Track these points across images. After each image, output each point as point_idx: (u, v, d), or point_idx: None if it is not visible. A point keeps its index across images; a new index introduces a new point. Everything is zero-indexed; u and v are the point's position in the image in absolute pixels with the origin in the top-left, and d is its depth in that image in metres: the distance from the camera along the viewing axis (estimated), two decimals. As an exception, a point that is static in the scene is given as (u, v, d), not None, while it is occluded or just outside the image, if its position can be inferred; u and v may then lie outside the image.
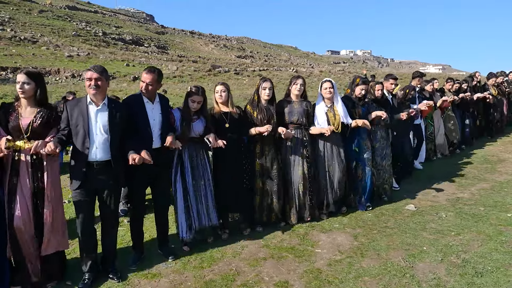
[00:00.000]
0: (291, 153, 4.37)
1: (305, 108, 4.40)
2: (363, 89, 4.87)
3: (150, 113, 3.49)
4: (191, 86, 3.92)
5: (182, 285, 3.19)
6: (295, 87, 4.40)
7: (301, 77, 4.50)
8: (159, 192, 3.72)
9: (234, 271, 3.42)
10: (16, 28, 36.43)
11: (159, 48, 48.41)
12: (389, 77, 5.76)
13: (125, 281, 3.28)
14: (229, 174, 4.05)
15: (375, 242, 3.93)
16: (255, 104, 4.25)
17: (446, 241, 3.91)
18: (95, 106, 3.16)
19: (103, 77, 3.14)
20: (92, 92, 3.10)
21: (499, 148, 8.48)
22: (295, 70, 35.01)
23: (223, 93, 4.05)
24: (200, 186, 3.87)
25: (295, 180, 4.36)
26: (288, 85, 4.52)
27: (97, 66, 3.19)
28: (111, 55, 32.28)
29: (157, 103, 3.56)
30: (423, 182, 6.07)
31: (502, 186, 5.77)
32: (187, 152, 3.82)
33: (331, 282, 3.20)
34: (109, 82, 3.30)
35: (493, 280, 3.13)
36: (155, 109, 3.54)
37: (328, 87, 4.52)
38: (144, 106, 3.48)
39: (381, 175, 5.19)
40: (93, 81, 3.09)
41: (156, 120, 3.52)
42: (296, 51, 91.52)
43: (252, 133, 4.14)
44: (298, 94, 4.42)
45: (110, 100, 3.28)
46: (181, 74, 26.74)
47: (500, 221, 4.39)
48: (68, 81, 21.41)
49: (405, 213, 4.78)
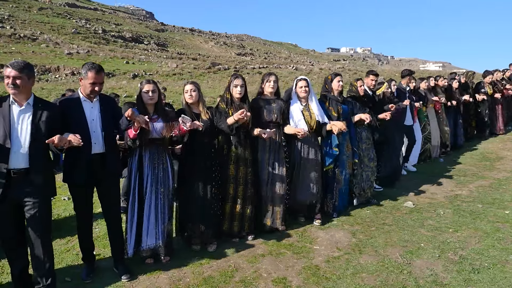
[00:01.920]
0: (269, 154, 4.10)
1: (281, 106, 4.18)
2: (340, 81, 4.66)
3: (88, 112, 3.10)
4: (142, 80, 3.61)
5: (181, 281, 3.22)
6: (269, 84, 4.15)
7: (273, 73, 4.28)
8: (109, 203, 3.31)
9: (232, 267, 3.44)
10: (16, 26, 36.37)
11: (159, 46, 48.31)
12: (369, 73, 5.53)
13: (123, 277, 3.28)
14: (198, 182, 3.71)
15: (373, 239, 3.95)
16: (228, 102, 3.93)
17: (444, 238, 3.93)
18: (18, 106, 2.77)
19: (23, 74, 2.72)
20: (11, 92, 2.72)
21: (498, 146, 8.50)
22: (295, 67, 34.96)
23: (193, 93, 3.74)
24: (159, 193, 3.44)
25: (272, 184, 4.10)
26: (260, 83, 4.28)
27: (17, 62, 2.76)
28: (111, 53, 32.22)
29: (96, 102, 3.15)
30: (421, 179, 6.10)
31: (500, 184, 5.80)
32: (147, 155, 3.42)
33: (329, 278, 3.22)
34: (34, 80, 2.85)
35: (489, 276, 3.16)
36: (94, 107, 3.15)
37: (303, 85, 4.33)
38: (81, 105, 3.09)
39: (369, 177, 5.03)
40: (10, 79, 2.69)
41: (95, 120, 3.12)
42: (296, 49, 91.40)
43: (229, 122, 3.72)
44: (273, 91, 4.19)
45: (37, 100, 2.88)
46: (180, 71, 26.67)
47: (498, 218, 4.41)
48: (68, 78, 21.38)
49: (403, 210, 4.80)
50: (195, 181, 3.73)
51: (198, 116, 3.75)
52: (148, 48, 42.66)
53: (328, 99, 4.65)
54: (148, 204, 3.39)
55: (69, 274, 3.34)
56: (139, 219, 3.39)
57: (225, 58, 42.63)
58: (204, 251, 3.75)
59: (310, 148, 4.37)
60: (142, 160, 3.41)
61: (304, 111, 4.33)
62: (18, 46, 28.01)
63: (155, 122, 3.42)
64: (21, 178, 2.74)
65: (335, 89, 4.67)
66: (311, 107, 4.37)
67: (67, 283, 3.22)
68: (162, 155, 3.50)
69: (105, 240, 3.80)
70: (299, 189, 4.34)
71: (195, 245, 3.82)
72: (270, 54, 65.80)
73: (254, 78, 24.52)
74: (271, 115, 4.11)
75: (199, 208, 3.72)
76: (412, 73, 6.78)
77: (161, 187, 3.46)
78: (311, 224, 4.38)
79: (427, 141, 7.24)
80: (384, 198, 5.22)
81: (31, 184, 2.77)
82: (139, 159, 3.41)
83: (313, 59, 66.84)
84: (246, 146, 3.99)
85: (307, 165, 4.35)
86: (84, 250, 3.38)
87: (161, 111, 3.53)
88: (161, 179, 3.47)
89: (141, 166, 3.41)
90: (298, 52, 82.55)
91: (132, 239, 3.39)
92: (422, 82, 7.30)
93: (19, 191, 2.75)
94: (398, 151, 6.02)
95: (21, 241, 2.92)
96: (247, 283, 3.17)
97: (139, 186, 3.40)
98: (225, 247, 3.83)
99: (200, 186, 3.72)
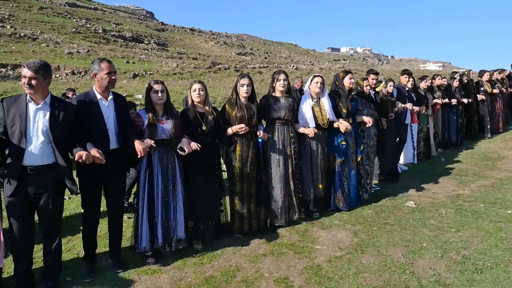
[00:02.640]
0: (278, 151, 4.17)
1: (291, 103, 4.23)
2: (351, 78, 4.76)
3: (104, 111, 3.21)
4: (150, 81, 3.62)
5: (182, 281, 3.20)
6: (279, 84, 4.19)
7: (283, 72, 4.30)
8: (114, 199, 3.40)
9: (234, 267, 3.42)
10: (16, 25, 36.35)
11: (159, 45, 48.31)
12: (370, 73, 5.73)
13: (125, 277, 3.27)
14: (201, 180, 3.73)
15: (375, 239, 3.93)
16: (233, 102, 3.96)
17: (446, 237, 3.91)
18: (35, 104, 2.84)
19: (38, 75, 2.77)
20: (28, 92, 2.80)
21: (499, 145, 8.47)
22: (295, 67, 34.94)
23: (201, 92, 3.73)
24: (170, 191, 3.50)
25: (281, 180, 4.15)
26: (271, 82, 4.31)
27: (33, 62, 2.80)
28: (111, 52, 32.22)
29: (111, 100, 3.26)
30: (423, 179, 6.07)
31: (502, 183, 5.77)
32: (156, 154, 3.47)
33: (331, 278, 3.20)
34: (50, 79, 2.92)
35: (493, 276, 3.14)
36: (109, 106, 3.25)
37: (319, 81, 4.44)
38: (98, 104, 3.19)
39: (372, 171, 5.24)
40: (26, 79, 2.76)
41: (110, 118, 3.23)
42: (296, 48, 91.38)
43: (229, 133, 3.88)
44: (283, 89, 4.22)
45: (54, 99, 2.96)
46: (181, 71, 26.66)
47: (500, 217, 4.39)
48: (68, 78, 21.35)
49: (405, 209, 4.78)
50: (198, 179, 3.73)
51: (203, 115, 3.78)
52: (148, 48, 42.67)
53: (339, 96, 4.72)
54: (159, 203, 3.44)
55: (70, 273, 3.31)
56: (150, 217, 3.42)
57: (225, 57, 42.61)
58: (205, 250, 3.72)
59: (319, 144, 4.47)
60: (151, 159, 3.45)
61: (315, 107, 4.42)
62: (18, 46, 27.99)
63: (164, 123, 3.46)
64: (38, 174, 2.83)
65: (346, 86, 4.75)
66: (322, 104, 4.46)
67: (68, 283, 3.20)
68: (170, 154, 3.54)
69: (106, 239, 3.78)
70: (305, 184, 4.42)
71: (197, 244, 3.81)
72: (270, 53, 65.78)
73: (255, 78, 24.50)
74: (279, 112, 4.18)
75: (201, 206, 3.73)
76: (411, 73, 6.73)
77: (170, 184, 3.50)
78: (312, 223, 4.35)
79: (423, 141, 7.20)
80: (385, 197, 5.20)
81: (47, 180, 2.87)
82: (148, 158, 3.44)
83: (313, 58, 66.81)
84: (250, 144, 3.99)
85: (315, 161, 4.46)
86: (87, 249, 3.39)
87: (170, 112, 3.55)
88: (170, 177, 3.51)
89: (150, 165, 3.45)
90: (298, 52, 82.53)
91: (145, 235, 3.41)
92: (422, 81, 7.27)
93: (35, 187, 2.84)
94: (395, 150, 6.06)
95: (30, 239, 2.99)
96: (248, 283, 3.15)
97: (149, 186, 3.43)
98: (226, 246, 3.81)
99: (203, 184, 3.73)
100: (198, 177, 3.75)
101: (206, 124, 3.75)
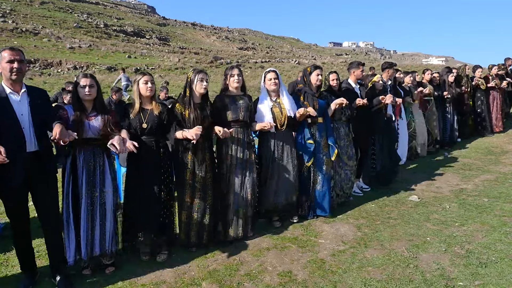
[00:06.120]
0: (236, 158, 3.72)
1: (249, 104, 3.82)
2: (319, 74, 4.28)
3: (16, 107, 2.75)
4: None
5: (186, 275, 3.20)
6: (233, 79, 3.77)
7: (235, 66, 3.88)
8: (45, 209, 2.96)
9: (237, 261, 3.43)
10: (18, 20, 36.29)
11: (161, 40, 48.17)
12: (359, 65, 5.19)
13: (129, 271, 3.27)
14: (143, 184, 3.32)
15: (379, 233, 3.93)
16: (186, 101, 3.50)
17: (450, 231, 3.90)
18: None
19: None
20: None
21: (503, 140, 8.43)
22: (297, 61, 34.83)
23: (152, 84, 3.39)
24: (96, 197, 3.06)
25: (240, 189, 3.73)
26: (223, 79, 3.87)
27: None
28: (112, 47, 32.17)
29: (24, 94, 2.81)
30: (427, 173, 6.06)
31: (506, 178, 5.75)
32: (82, 156, 3.03)
33: (335, 272, 3.20)
34: None
35: (497, 270, 3.12)
36: (23, 101, 2.79)
37: (272, 77, 3.97)
38: (8, 99, 2.74)
39: (349, 176, 4.70)
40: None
41: (25, 115, 2.77)
42: (298, 43, 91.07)
43: (177, 136, 3.43)
44: (238, 86, 3.80)
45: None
46: (183, 66, 26.61)
47: (504, 212, 4.37)
48: (70, 72, 21.35)
49: (408, 204, 4.77)
50: (141, 183, 3.34)
51: (146, 112, 3.39)
52: (150, 43, 42.55)
53: (303, 93, 4.27)
54: (84, 210, 3.02)
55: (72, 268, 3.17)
56: (76, 226, 3.03)
57: (227, 52, 42.50)
58: (205, 249, 3.67)
59: (285, 145, 4.04)
60: (75, 162, 3.04)
61: (274, 108, 3.99)
62: (20, 40, 27.95)
63: (92, 120, 3.06)
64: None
65: (313, 82, 4.31)
66: (282, 102, 4.02)
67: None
68: (99, 156, 3.11)
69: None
70: (273, 191, 4.01)
71: (144, 255, 3.45)
72: (272, 48, 65.57)
73: (257, 72, 24.47)
74: (237, 114, 3.73)
75: (147, 214, 3.32)
76: (393, 65, 6.23)
77: (96, 191, 3.07)
78: (315, 218, 4.34)
79: (412, 138, 6.82)
80: (388, 192, 5.19)
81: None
82: (72, 161, 3.04)
83: (315, 53, 66.58)
84: (204, 149, 3.60)
85: (281, 165, 4.02)
86: (24, 260, 3.05)
87: (100, 108, 3.14)
88: (98, 181, 3.08)
89: (74, 169, 3.03)
90: (300, 47, 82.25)
91: (72, 247, 3.04)
92: (407, 76, 6.82)
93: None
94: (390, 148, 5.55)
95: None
96: (252, 277, 3.16)
97: (73, 191, 3.03)
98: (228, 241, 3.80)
99: (147, 189, 3.33)
100: (138, 183, 3.34)
101: (147, 122, 3.33)
